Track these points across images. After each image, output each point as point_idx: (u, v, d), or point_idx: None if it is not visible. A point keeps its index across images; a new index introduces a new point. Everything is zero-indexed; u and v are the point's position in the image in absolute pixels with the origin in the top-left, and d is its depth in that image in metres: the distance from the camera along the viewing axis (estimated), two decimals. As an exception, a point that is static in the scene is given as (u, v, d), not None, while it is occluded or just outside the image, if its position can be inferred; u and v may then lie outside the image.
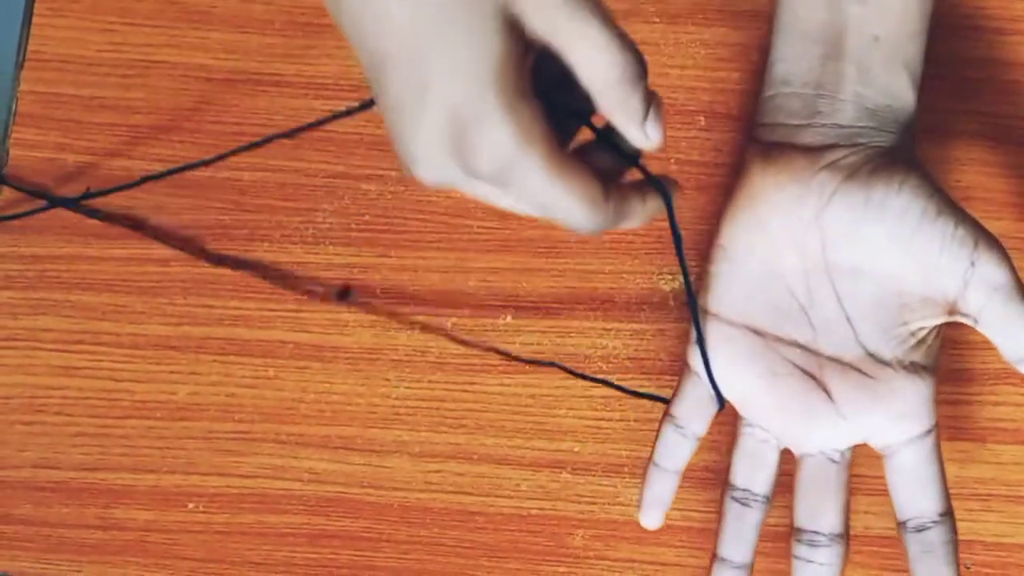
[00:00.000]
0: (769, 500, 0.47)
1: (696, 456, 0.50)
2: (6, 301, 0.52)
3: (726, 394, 0.47)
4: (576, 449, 0.51)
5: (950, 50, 0.51)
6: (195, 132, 0.53)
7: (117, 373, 0.52)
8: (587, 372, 0.51)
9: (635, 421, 0.51)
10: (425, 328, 0.52)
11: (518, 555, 0.50)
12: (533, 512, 0.50)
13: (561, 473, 0.51)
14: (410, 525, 0.51)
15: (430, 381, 0.51)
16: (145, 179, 0.52)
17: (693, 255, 0.52)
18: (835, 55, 0.46)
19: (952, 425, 0.50)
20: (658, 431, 0.48)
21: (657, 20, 0.53)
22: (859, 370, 0.45)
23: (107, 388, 0.52)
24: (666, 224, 0.51)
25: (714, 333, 0.47)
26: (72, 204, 0.52)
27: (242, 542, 0.51)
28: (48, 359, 0.52)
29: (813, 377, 0.46)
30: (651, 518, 0.48)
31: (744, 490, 0.47)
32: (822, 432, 0.46)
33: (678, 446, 0.47)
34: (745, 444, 0.47)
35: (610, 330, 0.51)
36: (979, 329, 0.44)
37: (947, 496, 0.45)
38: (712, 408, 0.47)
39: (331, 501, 0.51)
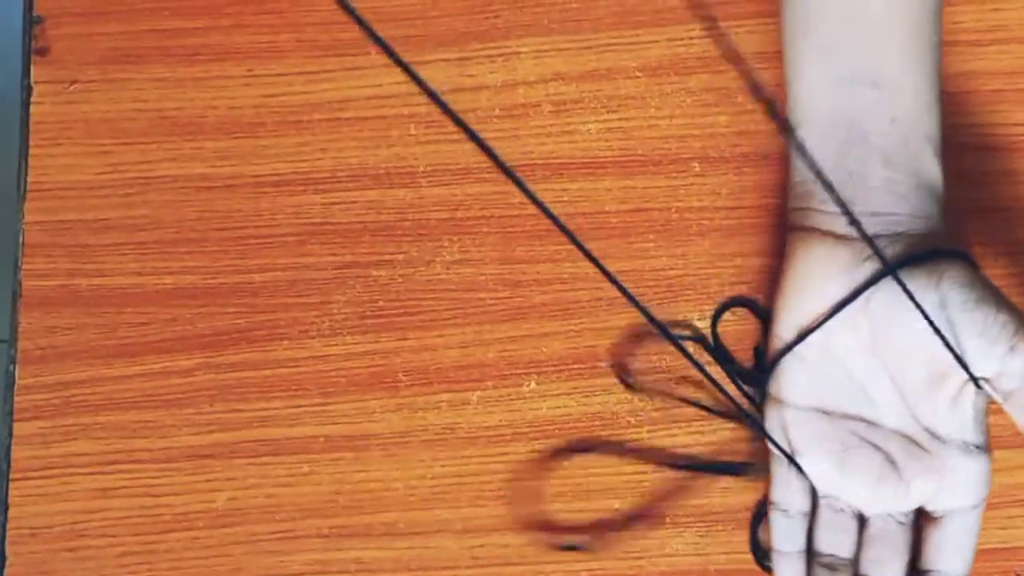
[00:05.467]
0: (854, 562, 0.48)
1: (736, 496, 0.50)
2: (37, 431, 0.53)
3: (806, 472, 0.48)
4: (616, 506, 0.51)
5: (929, 67, 0.52)
6: (201, 241, 0.54)
7: (155, 488, 0.52)
8: (616, 427, 0.51)
9: (670, 470, 0.51)
10: (452, 405, 0.52)
11: (573, 618, 0.51)
12: (583, 574, 0.51)
13: (605, 532, 0.51)
14: (462, 602, 0.51)
15: (464, 456, 0.52)
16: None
17: (704, 299, 0.52)
18: (857, 141, 0.46)
19: (992, 434, 0.50)
20: (770, 520, 0.49)
21: (640, 74, 0.54)
22: (918, 444, 0.47)
23: (146, 504, 0.52)
24: (674, 271, 0.52)
25: (787, 418, 0.48)
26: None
27: (298, 640, 0.51)
28: (85, 483, 0.52)
29: (879, 448, 0.47)
30: None
31: (831, 555, 0.48)
32: (888, 498, 0.47)
33: (790, 528, 0.48)
34: (824, 515, 0.48)
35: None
36: (1004, 408, 0.44)
37: (971, 564, 0.47)
38: (804, 485, 0.48)
39: (381, 588, 0.51)
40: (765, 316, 0.51)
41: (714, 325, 0.52)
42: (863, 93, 0.46)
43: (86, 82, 0.55)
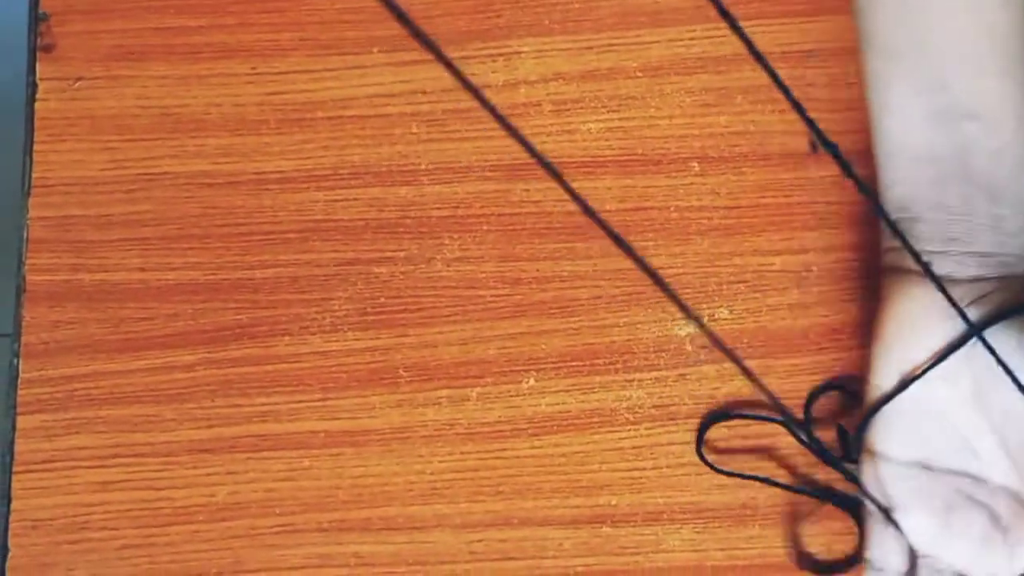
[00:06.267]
0: None
1: (732, 494, 0.51)
2: (40, 424, 0.53)
3: (906, 530, 0.46)
4: (613, 502, 0.51)
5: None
6: (204, 238, 0.54)
7: (156, 482, 0.53)
8: (614, 424, 0.52)
9: (667, 467, 0.52)
10: (451, 401, 0.52)
11: (570, 613, 0.51)
12: (579, 569, 0.51)
13: (602, 527, 0.51)
14: (460, 597, 0.51)
15: (463, 452, 0.52)
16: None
17: (702, 297, 0.53)
18: (957, 176, 0.43)
19: None
20: None
21: (640, 74, 0.54)
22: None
23: (147, 498, 0.53)
24: (673, 270, 0.52)
25: (885, 473, 0.46)
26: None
27: (298, 634, 0.52)
28: (87, 476, 0.53)
29: (985, 506, 0.45)
30: None
31: None
32: (993, 560, 0.45)
33: None
34: (923, 575, 0.46)
35: (632, 381, 0.52)
36: None
37: None
38: (902, 544, 0.46)
39: (380, 582, 0.52)
40: (857, 400, 0.49)
41: (807, 408, 0.50)
42: (961, 126, 0.43)
43: (91, 79, 0.55)
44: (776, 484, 0.51)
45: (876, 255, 0.49)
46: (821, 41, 0.54)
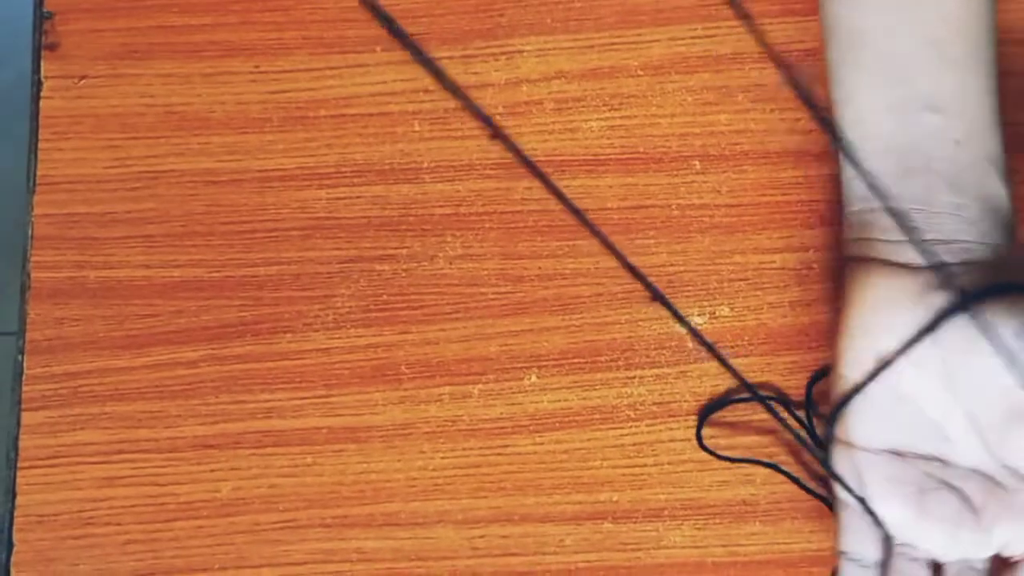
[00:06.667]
0: None
1: (733, 490, 0.51)
2: (45, 421, 0.53)
3: (881, 518, 0.46)
4: (615, 498, 0.52)
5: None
6: (208, 235, 0.54)
7: (160, 477, 0.53)
8: (615, 420, 0.52)
9: (668, 464, 0.52)
10: (453, 398, 0.53)
11: (571, 609, 0.51)
12: (580, 565, 0.51)
13: (603, 524, 0.52)
14: (462, 592, 0.52)
15: (465, 448, 0.53)
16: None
17: (703, 295, 0.53)
18: (917, 166, 0.44)
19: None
20: (840, 571, 0.47)
21: (641, 73, 0.54)
22: (998, 482, 0.45)
23: (152, 493, 0.53)
24: (674, 268, 0.53)
25: (857, 462, 0.46)
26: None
27: (301, 628, 0.52)
28: (92, 472, 0.53)
29: (957, 489, 0.45)
30: None
31: None
32: (967, 544, 0.45)
33: None
34: (898, 564, 0.46)
35: (633, 378, 0.53)
36: None
37: None
38: (877, 533, 0.46)
39: (382, 578, 0.52)
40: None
41: (809, 392, 0.51)
42: (923, 118, 0.43)
43: (95, 77, 0.56)
44: (777, 469, 0.51)
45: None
46: (821, 40, 0.54)
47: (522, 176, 0.54)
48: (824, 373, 0.51)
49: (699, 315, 0.53)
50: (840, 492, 0.46)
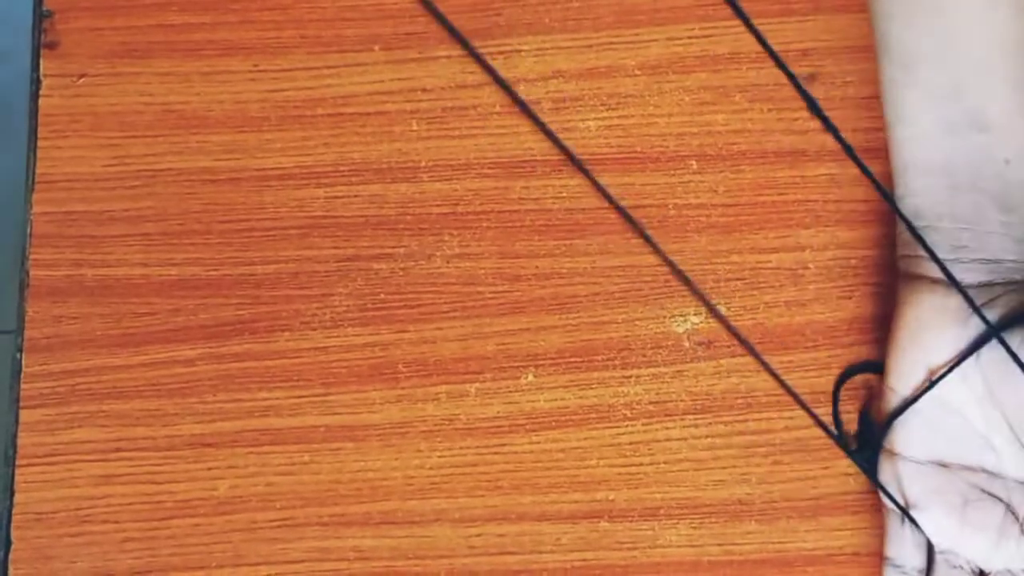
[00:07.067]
0: None
1: (729, 489, 0.51)
2: (42, 419, 0.54)
3: (924, 527, 0.47)
4: (611, 497, 0.52)
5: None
6: (205, 234, 0.54)
7: (157, 476, 0.53)
8: (612, 420, 0.52)
9: (664, 463, 0.52)
10: (450, 397, 0.53)
11: (567, 607, 0.51)
12: (577, 564, 0.51)
13: (599, 522, 0.52)
14: (458, 590, 0.52)
15: (461, 447, 0.53)
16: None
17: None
18: (968, 185, 0.44)
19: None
20: None
21: (639, 72, 0.54)
22: None
23: (149, 491, 0.53)
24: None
25: (902, 471, 0.47)
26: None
27: (297, 626, 0.52)
28: (89, 470, 0.53)
29: (1001, 500, 0.46)
30: None
31: None
32: (1010, 553, 0.46)
33: None
34: (941, 571, 0.47)
35: (629, 377, 0.53)
36: None
37: None
38: (921, 541, 0.47)
39: (379, 576, 0.52)
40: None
41: (836, 392, 0.51)
42: (972, 137, 0.44)
43: (94, 76, 0.56)
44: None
45: (872, 252, 0.50)
46: (820, 39, 0.55)
47: (519, 176, 0.54)
48: (852, 372, 0.51)
49: (696, 315, 0.53)
50: (885, 500, 0.47)
